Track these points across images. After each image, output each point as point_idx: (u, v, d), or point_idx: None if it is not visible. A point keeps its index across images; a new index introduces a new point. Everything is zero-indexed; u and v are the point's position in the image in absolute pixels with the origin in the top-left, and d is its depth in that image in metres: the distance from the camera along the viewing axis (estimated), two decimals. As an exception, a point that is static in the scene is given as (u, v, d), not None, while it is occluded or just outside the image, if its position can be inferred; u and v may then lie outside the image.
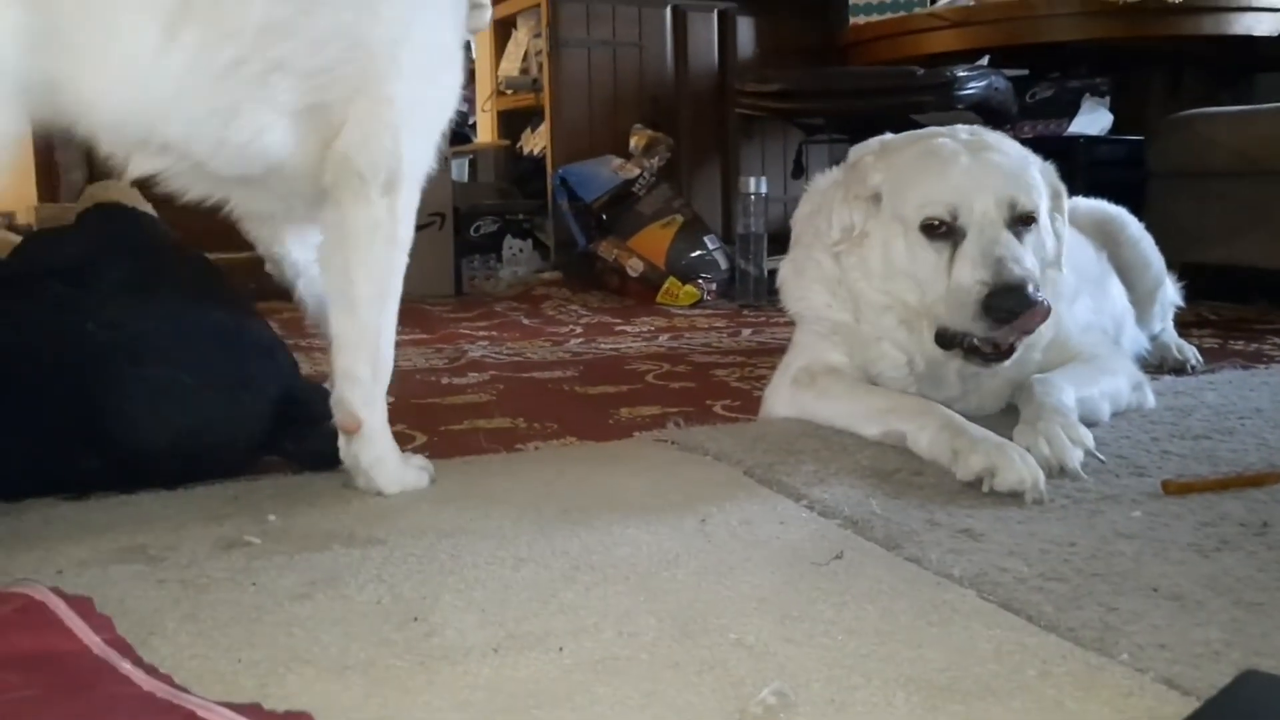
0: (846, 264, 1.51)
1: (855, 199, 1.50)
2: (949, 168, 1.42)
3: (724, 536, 1.08)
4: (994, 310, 1.33)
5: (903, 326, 1.47)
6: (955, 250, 1.38)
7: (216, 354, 1.25)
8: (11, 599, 0.81)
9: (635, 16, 3.81)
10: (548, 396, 1.87)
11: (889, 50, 3.56)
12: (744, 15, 3.97)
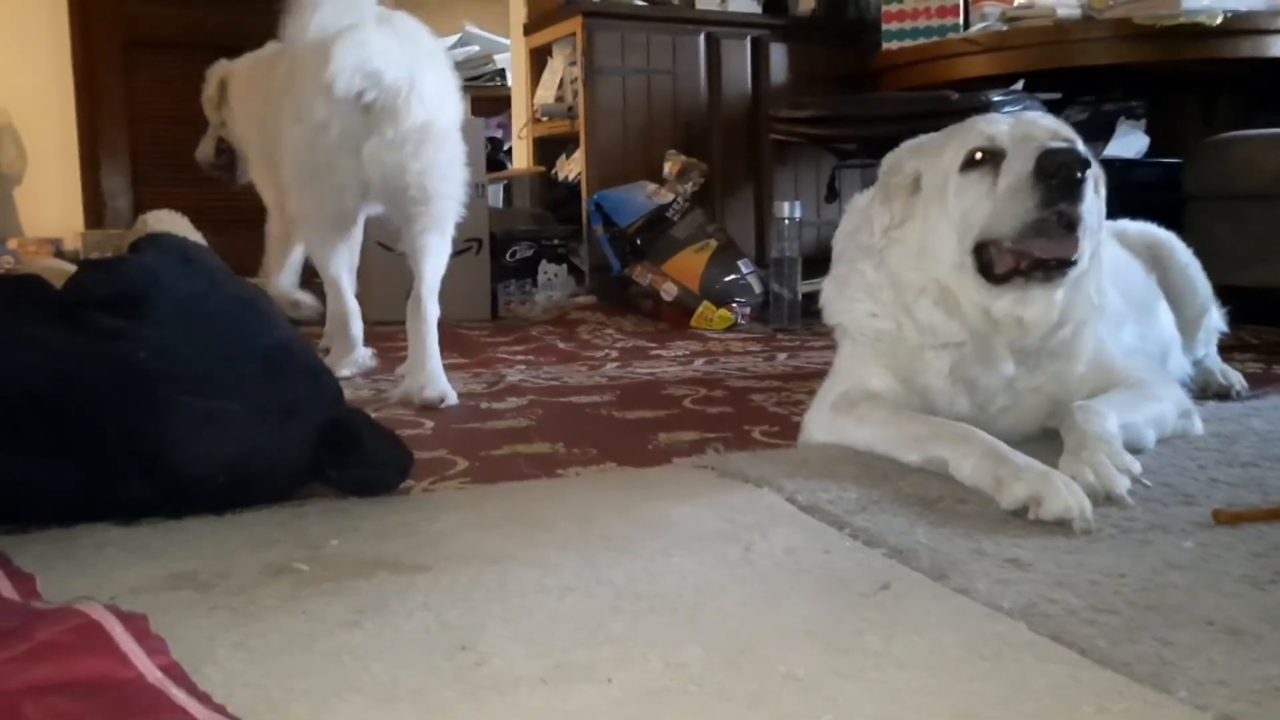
0: (888, 257, 1.52)
1: (895, 189, 1.52)
2: (982, 121, 1.47)
3: (768, 565, 1.08)
4: (1050, 169, 1.31)
5: (939, 308, 1.47)
6: (998, 173, 1.39)
7: (263, 381, 1.27)
8: (68, 617, 0.82)
9: (670, 44, 3.84)
10: (586, 421, 1.87)
11: (922, 75, 3.56)
12: (777, 42, 3.99)
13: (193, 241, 1.39)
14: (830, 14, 4.11)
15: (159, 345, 1.20)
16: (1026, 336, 1.45)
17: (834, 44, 4.06)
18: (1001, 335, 1.45)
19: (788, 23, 4.08)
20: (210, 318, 1.28)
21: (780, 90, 3.93)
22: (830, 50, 4.04)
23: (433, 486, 1.41)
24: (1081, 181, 1.33)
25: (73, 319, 1.20)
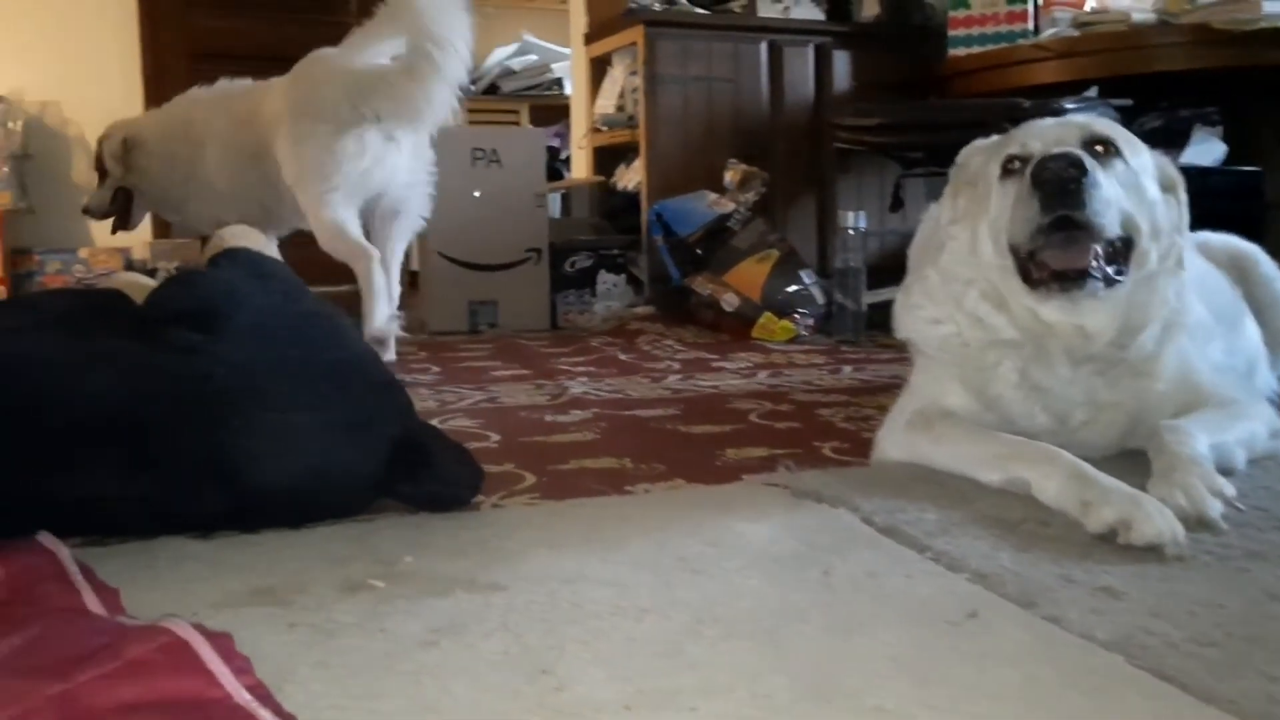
0: (944, 251, 1.53)
1: (959, 185, 1.54)
2: (1034, 125, 1.48)
3: (849, 590, 1.05)
4: (1040, 181, 1.33)
5: (985, 301, 1.46)
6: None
7: (337, 396, 1.28)
8: (155, 635, 0.82)
9: (731, 52, 3.82)
10: (651, 436, 1.86)
11: (989, 82, 3.50)
12: (840, 49, 3.95)
13: (267, 256, 1.40)
14: (895, 20, 4.06)
15: (235, 360, 1.21)
16: (1091, 343, 1.41)
17: (898, 50, 4.01)
18: (1058, 339, 1.42)
19: (851, 29, 4.04)
20: (284, 332, 1.29)
21: (843, 98, 3.89)
22: (894, 57, 3.99)
23: (502, 502, 1.41)
24: (1079, 187, 1.32)
25: (152, 333, 1.22)
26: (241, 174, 2.78)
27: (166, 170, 2.87)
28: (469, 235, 3.50)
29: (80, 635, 0.82)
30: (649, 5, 3.88)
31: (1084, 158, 1.34)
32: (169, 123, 2.90)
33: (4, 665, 0.76)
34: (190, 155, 2.81)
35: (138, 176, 2.91)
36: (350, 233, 2.57)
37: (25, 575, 1.01)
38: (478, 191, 3.50)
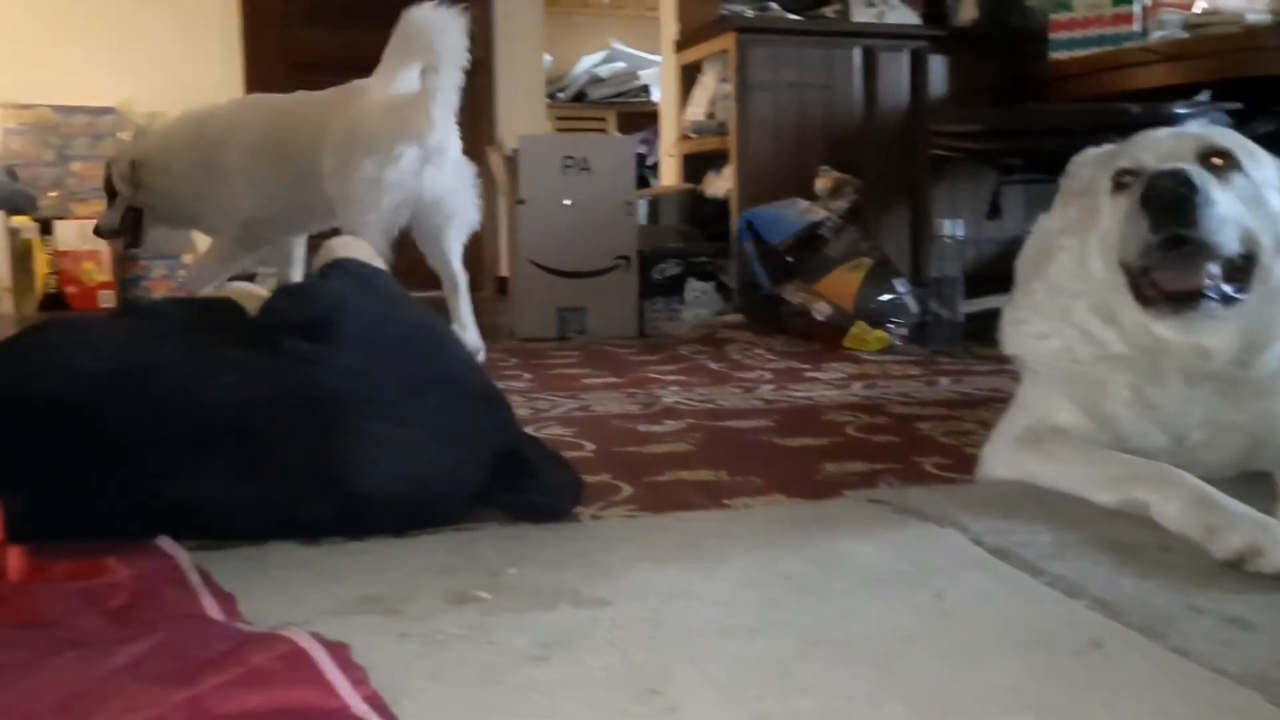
0: (1053, 263, 1.48)
1: (1071, 195, 1.50)
2: (1148, 136, 1.42)
3: (963, 614, 1.02)
4: (1149, 200, 1.28)
5: (1094, 314, 1.42)
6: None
7: (441, 406, 1.29)
8: (274, 644, 0.83)
9: (824, 58, 3.78)
10: (747, 448, 1.84)
11: (1093, 86, 3.40)
12: (936, 53, 3.88)
13: (375, 267, 1.42)
14: (993, 24, 3.97)
15: (345, 370, 1.23)
16: (1210, 362, 1.36)
17: (997, 55, 3.92)
18: (1173, 357, 1.37)
19: (948, 33, 3.97)
20: (392, 342, 1.30)
21: (939, 103, 3.82)
22: (992, 61, 3.91)
23: (601, 513, 1.41)
24: (1190, 206, 1.26)
25: (266, 343, 1.25)
26: (269, 185, 2.91)
27: (176, 184, 3.00)
28: (558, 242, 3.52)
29: (204, 641, 0.84)
30: (741, 12, 3.86)
31: (1196, 174, 1.29)
32: (177, 140, 3.04)
33: (133, 670, 0.78)
34: (203, 169, 2.94)
35: (147, 194, 3.04)
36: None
37: (147, 578, 1.04)
38: (568, 199, 3.52)
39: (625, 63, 6.81)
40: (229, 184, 2.92)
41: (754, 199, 3.66)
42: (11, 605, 0.96)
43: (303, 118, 2.90)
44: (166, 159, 3.00)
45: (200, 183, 2.96)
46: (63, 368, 1.19)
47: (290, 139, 2.87)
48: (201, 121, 3.01)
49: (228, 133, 2.92)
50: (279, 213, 2.96)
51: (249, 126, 2.93)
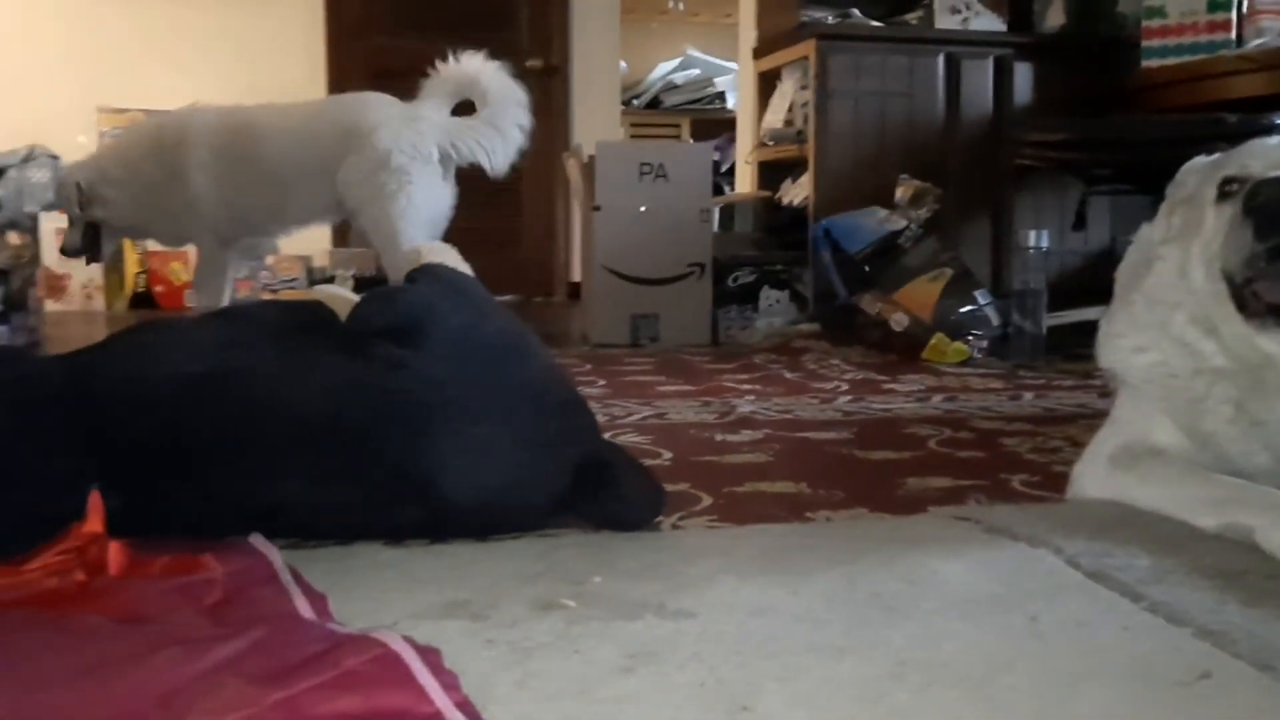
0: (1152, 273, 1.44)
1: (1176, 204, 1.45)
2: (1257, 144, 1.38)
3: (1060, 640, 0.99)
4: (1252, 207, 1.24)
5: (1193, 326, 1.37)
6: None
7: (526, 412, 1.29)
8: (367, 646, 0.84)
9: (906, 65, 3.74)
10: (827, 460, 1.82)
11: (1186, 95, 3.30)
12: (1022, 61, 3.81)
13: (462, 273, 1.43)
14: (1082, 31, 3.88)
15: (433, 375, 1.23)
16: None
17: (1085, 63, 3.83)
18: (1276, 371, 1.32)
19: (1034, 40, 3.89)
20: (479, 349, 1.31)
21: (1024, 112, 3.74)
22: (1080, 69, 3.82)
23: (681, 523, 1.40)
24: None
25: (356, 347, 1.26)
26: (247, 190, 3.00)
27: (133, 195, 3.08)
28: (633, 249, 3.53)
29: (298, 642, 0.85)
30: (822, 19, 3.83)
31: None
32: (132, 151, 3.11)
33: (230, 668, 0.80)
34: (164, 177, 3.02)
35: (102, 208, 3.10)
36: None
37: (241, 576, 1.06)
38: (643, 206, 3.52)
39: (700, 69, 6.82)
40: (191, 186, 3.00)
41: (831, 207, 3.62)
42: (113, 599, 0.99)
43: (285, 123, 3.01)
44: (122, 168, 3.08)
45: (156, 193, 3.05)
46: (159, 369, 1.22)
47: (266, 143, 2.97)
48: (158, 128, 3.10)
49: (194, 144, 3.00)
50: (246, 212, 3.06)
51: (212, 130, 3.02)
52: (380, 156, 2.82)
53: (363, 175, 2.84)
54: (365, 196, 2.85)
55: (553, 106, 5.28)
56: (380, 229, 2.89)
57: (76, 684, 0.77)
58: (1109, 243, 3.67)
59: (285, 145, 2.94)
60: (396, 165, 2.82)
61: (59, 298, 4.75)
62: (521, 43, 5.24)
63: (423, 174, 2.84)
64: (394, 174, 2.82)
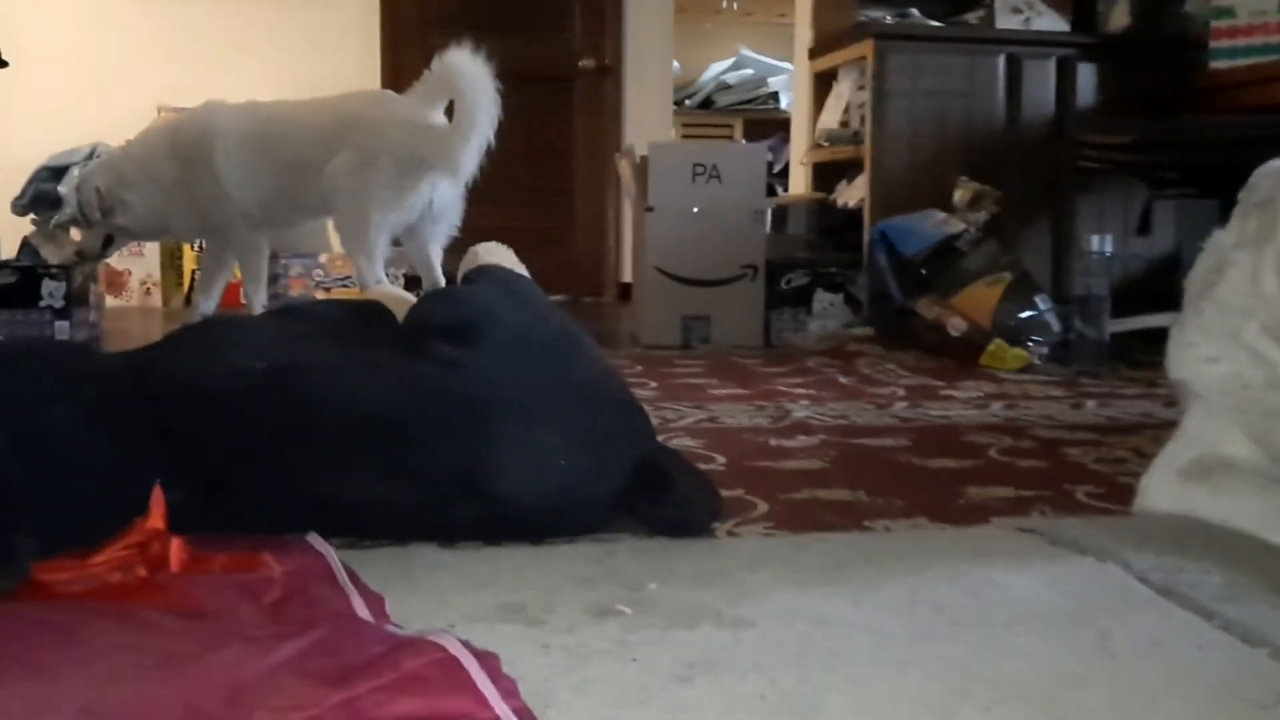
0: (1223, 279, 1.40)
1: (1250, 208, 1.40)
2: None
3: (1131, 658, 0.96)
4: None
5: (1265, 334, 1.33)
6: None
7: (584, 415, 1.28)
8: (426, 649, 0.83)
9: (966, 66, 3.67)
10: (884, 467, 1.79)
11: (1257, 97, 3.21)
12: (1085, 62, 3.72)
13: (519, 274, 1.43)
14: (1147, 31, 3.79)
15: (491, 375, 1.23)
16: None
17: (1150, 64, 3.74)
18: None
19: (1098, 41, 3.81)
20: (535, 349, 1.31)
21: (1086, 113, 3.66)
22: (1146, 70, 3.72)
23: (736, 530, 1.38)
24: None
25: (415, 346, 1.26)
26: (268, 181, 3.04)
27: (150, 197, 3.11)
28: (685, 250, 3.51)
29: (358, 643, 0.84)
30: (880, 18, 3.78)
31: None
32: (149, 154, 3.12)
33: (293, 667, 0.80)
34: (186, 174, 3.04)
35: (123, 213, 3.12)
36: (379, 265, 2.94)
37: (299, 574, 1.06)
38: (696, 207, 3.50)
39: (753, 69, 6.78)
40: (218, 179, 3.03)
41: (887, 209, 3.58)
42: (175, 595, 0.99)
43: (301, 118, 3.04)
44: (139, 169, 3.10)
45: (184, 185, 3.08)
46: (221, 366, 1.23)
47: (285, 136, 3.00)
48: (173, 128, 3.13)
49: (209, 139, 3.03)
50: (268, 202, 3.09)
51: (233, 124, 3.05)
52: (367, 155, 2.84)
53: (347, 169, 2.87)
54: (344, 189, 2.87)
55: (605, 106, 5.28)
56: (349, 225, 2.92)
57: (147, 679, 0.78)
58: (1174, 247, 3.58)
59: (299, 138, 3.00)
60: (381, 166, 2.83)
61: (118, 293, 4.84)
62: (575, 42, 5.25)
63: (406, 180, 2.83)
64: (377, 173, 2.83)
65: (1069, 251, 3.54)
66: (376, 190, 2.85)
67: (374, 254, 2.94)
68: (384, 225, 2.89)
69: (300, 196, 3.06)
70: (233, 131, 3.02)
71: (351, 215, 2.91)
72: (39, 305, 3.18)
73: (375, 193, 2.85)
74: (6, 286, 3.01)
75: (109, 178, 3.07)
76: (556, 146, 5.28)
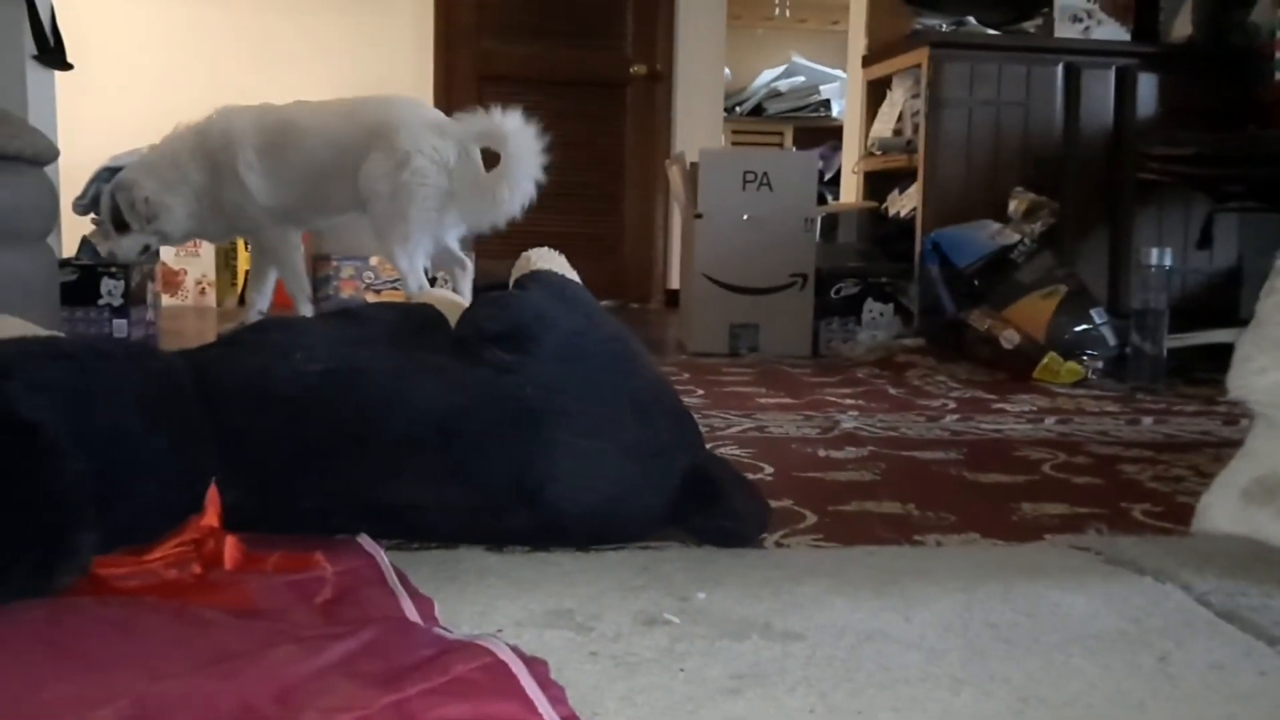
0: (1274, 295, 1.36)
1: None
2: None
3: (1193, 683, 0.94)
4: None
5: None
6: None
7: (633, 422, 1.28)
8: (475, 654, 0.83)
9: (1023, 75, 3.62)
10: (935, 481, 1.76)
11: (1325, 110, 3.13)
12: (1146, 72, 3.65)
13: (571, 280, 1.43)
14: (1211, 41, 3.71)
15: (544, 382, 1.23)
16: None
17: (1213, 75, 3.66)
18: None
19: (1160, 51, 3.74)
20: (588, 356, 1.31)
21: (1147, 124, 3.59)
22: (1209, 82, 3.64)
23: (785, 540, 1.37)
24: None
25: (468, 351, 1.27)
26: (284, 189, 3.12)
27: (187, 201, 3.18)
28: (734, 257, 3.50)
29: (408, 645, 0.85)
30: (936, 27, 3.74)
31: None
32: (181, 158, 3.17)
33: (344, 668, 0.80)
34: (213, 179, 3.13)
35: (167, 218, 3.17)
36: (420, 266, 3.07)
37: (350, 575, 1.07)
38: (746, 214, 3.49)
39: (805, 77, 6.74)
40: (238, 189, 3.11)
41: (941, 219, 3.54)
42: (229, 593, 1.01)
43: (320, 124, 3.11)
44: (179, 175, 3.16)
45: (214, 189, 3.15)
46: (279, 367, 1.24)
47: (305, 143, 3.08)
48: (198, 133, 3.17)
49: (236, 143, 3.10)
50: (289, 204, 3.16)
51: (254, 129, 3.12)
52: (401, 156, 2.93)
53: (383, 172, 2.95)
54: (382, 192, 2.96)
55: (655, 113, 5.29)
56: (390, 226, 2.99)
57: (199, 675, 0.78)
58: (1236, 261, 3.50)
59: (319, 142, 3.08)
60: (416, 166, 2.93)
61: (174, 293, 4.93)
62: (626, 49, 5.26)
63: (440, 179, 2.94)
64: (413, 174, 2.92)
65: (1127, 264, 3.48)
66: (415, 190, 2.93)
67: (415, 254, 3.03)
68: (424, 224, 2.98)
69: (325, 200, 3.15)
70: (252, 140, 3.10)
71: (392, 216, 2.98)
72: (98, 303, 3.26)
73: (414, 192, 2.93)
74: (68, 284, 3.07)
75: (154, 184, 3.13)
76: (607, 153, 5.30)
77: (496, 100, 3.20)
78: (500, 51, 5.21)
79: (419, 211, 2.95)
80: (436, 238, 3.09)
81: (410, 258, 3.02)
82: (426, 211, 2.96)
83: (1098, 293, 3.40)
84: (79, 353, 1.11)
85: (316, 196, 3.17)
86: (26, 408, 0.98)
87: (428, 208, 2.96)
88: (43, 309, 2.34)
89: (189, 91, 4.80)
